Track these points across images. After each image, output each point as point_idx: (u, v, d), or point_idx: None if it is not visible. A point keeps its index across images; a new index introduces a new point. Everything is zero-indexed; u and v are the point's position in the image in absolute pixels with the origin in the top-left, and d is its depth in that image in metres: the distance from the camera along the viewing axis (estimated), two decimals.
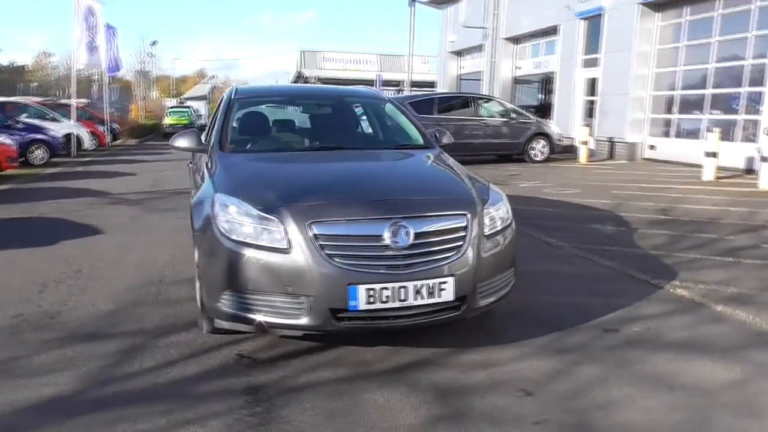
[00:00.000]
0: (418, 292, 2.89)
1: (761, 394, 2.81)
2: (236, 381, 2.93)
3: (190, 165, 5.02)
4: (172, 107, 39.50)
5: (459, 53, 26.59)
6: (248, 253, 2.94)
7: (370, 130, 4.76)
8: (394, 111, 4.79)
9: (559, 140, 14.67)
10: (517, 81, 22.38)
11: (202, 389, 2.85)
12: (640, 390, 2.83)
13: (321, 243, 2.87)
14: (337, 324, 2.89)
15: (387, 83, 48.20)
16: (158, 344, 3.37)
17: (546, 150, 14.43)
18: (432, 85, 44.87)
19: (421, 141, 4.39)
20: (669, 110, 14.40)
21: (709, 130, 10.98)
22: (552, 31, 18.77)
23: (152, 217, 7.45)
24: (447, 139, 4.51)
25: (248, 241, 2.97)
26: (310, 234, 2.89)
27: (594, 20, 16.39)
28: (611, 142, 15.32)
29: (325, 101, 4.93)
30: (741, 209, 7.82)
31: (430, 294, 2.92)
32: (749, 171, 11.55)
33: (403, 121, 4.69)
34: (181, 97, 56.65)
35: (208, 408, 2.66)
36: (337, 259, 2.85)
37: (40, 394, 2.77)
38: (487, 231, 3.17)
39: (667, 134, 14.49)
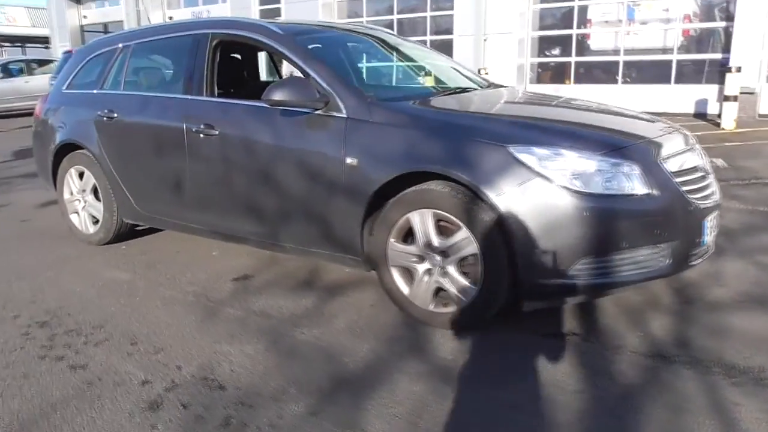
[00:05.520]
0: None
1: None
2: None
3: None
4: None
5: (78, 1, 22.73)
6: (617, 205, 2.46)
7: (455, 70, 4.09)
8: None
9: None
10: None
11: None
12: None
13: (677, 181, 2.61)
14: (688, 264, 2.71)
15: None
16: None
17: None
18: (21, 39, 37.28)
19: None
20: None
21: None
22: None
23: None
24: None
25: (609, 192, 2.46)
26: (669, 173, 2.59)
27: None
28: None
29: (382, 43, 3.95)
30: None
31: None
32: None
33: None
34: None
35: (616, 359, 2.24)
36: (691, 196, 2.65)
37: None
38: None
39: None
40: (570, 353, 2.53)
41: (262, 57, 5.04)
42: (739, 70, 9.03)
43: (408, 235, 2.80)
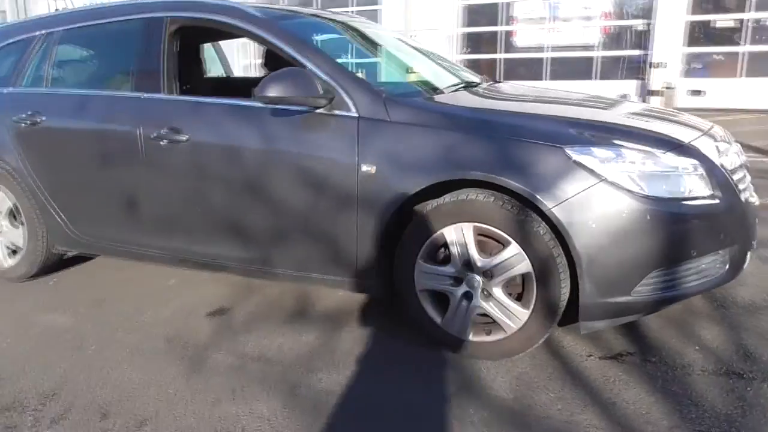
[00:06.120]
0: None
1: None
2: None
3: None
4: None
5: None
6: (687, 209, 2.16)
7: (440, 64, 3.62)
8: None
9: None
10: None
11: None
12: None
13: (734, 179, 2.36)
14: (741, 268, 2.47)
15: None
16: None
17: None
18: None
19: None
20: None
21: None
22: None
23: None
24: None
25: (678, 195, 2.16)
26: (727, 171, 2.33)
27: None
28: None
29: (359, 29, 3.45)
30: None
31: None
32: None
33: None
34: None
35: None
36: (745, 195, 2.41)
37: None
38: None
39: None
40: (639, 377, 2.21)
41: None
42: (665, 65, 9.32)
43: (436, 253, 2.38)
